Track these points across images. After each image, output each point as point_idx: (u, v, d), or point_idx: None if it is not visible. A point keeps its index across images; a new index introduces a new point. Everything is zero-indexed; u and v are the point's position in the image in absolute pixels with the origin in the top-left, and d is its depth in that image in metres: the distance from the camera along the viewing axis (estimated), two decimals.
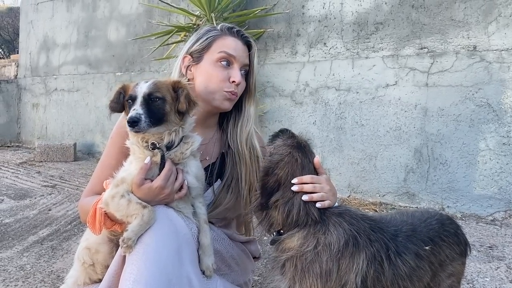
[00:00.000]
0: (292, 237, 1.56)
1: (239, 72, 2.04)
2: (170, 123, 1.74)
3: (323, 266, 1.46)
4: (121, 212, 1.70)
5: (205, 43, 2.06)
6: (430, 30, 4.52)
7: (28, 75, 9.62)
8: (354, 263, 1.46)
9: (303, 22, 5.37)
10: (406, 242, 1.59)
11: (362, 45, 4.93)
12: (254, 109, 2.17)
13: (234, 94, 2.04)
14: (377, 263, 1.49)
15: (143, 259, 1.58)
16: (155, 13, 7.10)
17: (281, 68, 5.57)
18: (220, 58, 2.01)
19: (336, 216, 1.56)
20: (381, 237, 1.55)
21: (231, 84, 2.02)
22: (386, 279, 1.50)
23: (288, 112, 5.49)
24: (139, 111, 1.64)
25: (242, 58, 2.05)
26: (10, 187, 5.48)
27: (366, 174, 4.90)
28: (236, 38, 2.07)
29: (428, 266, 1.61)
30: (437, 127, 4.46)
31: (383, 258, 1.51)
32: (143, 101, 1.68)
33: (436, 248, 1.65)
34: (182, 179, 1.79)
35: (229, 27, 2.10)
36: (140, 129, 1.63)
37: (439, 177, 4.47)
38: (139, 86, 1.74)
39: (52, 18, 9.07)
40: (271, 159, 1.63)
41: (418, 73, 4.58)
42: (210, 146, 2.16)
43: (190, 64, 2.09)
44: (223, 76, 2.01)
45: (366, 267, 1.46)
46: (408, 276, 1.54)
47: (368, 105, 4.88)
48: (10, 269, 3.00)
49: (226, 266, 2.09)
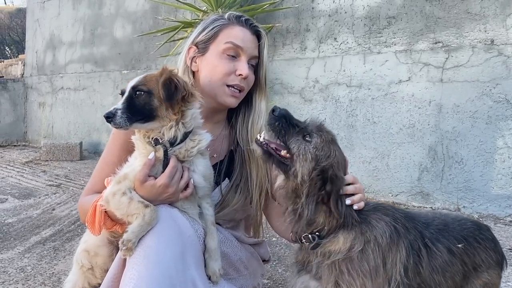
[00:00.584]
0: (336, 239, 1.48)
1: (247, 65, 1.89)
2: (162, 118, 1.62)
3: (371, 264, 1.42)
4: (121, 211, 1.59)
5: (211, 33, 1.92)
6: (444, 23, 4.35)
7: (35, 74, 9.57)
8: (398, 254, 1.44)
9: (312, 16, 5.23)
10: (438, 235, 1.56)
11: (374, 40, 4.78)
12: (265, 105, 2.03)
13: (240, 88, 1.90)
14: (415, 252, 1.48)
15: (144, 262, 1.48)
16: (162, 9, 6.99)
17: (290, 64, 5.43)
18: (227, 49, 1.88)
19: (373, 211, 1.53)
20: (414, 225, 1.54)
21: (237, 77, 1.88)
22: (424, 270, 1.48)
23: (297, 109, 5.35)
24: (117, 106, 1.55)
25: (250, 50, 1.91)
26: (14, 186, 5.40)
27: (378, 173, 4.75)
28: (244, 28, 1.93)
29: (460, 264, 1.56)
30: (453, 124, 4.30)
31: (421, 246, 1.50)
32: (127, 96, 1.58)
33: (470, 249, 1.58)
34: (188, 178, 1.67)
35: (237, 15, 1.96)
36: (116, 124, 1.53)
37: (455, 176, 4.31)
38: (131, 81, 1.63)
39: (58, 16, 9.01)
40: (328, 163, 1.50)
41: (433, 68, 4.42)
42: (218, 143, 2.03)
43: (195, 55, 1.96)
44: (229, 68, 1.87)
45: (406, 256, 1.45)
46: (442, 270, 1.51)
47: (381, 102, 4.72)
48: (10, 270, 2.90)
49: (234, 270, 1.96)
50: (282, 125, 1.52)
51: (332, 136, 1.57)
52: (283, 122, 1.53)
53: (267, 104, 2.04)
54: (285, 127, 1.53)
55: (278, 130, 1.52)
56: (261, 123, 1.97)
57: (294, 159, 1.48)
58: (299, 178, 1.47)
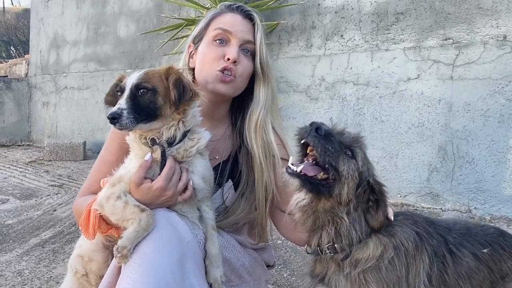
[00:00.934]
0: (365, 246, 1.39)
1: (237, 49, 1.77)
2: (165, 117, 1.52)
3: (396, 274, 1.35)
4: (116, 216, 1.50)
5: (203, 26, 1.86)
6: (455, 19, 4.22)
7: (39, 73, 9.53)
8: (421, 263, 1.37)
9: (318, 13, 5.11)
10: (461, 240, 1.48)
11: (382, 37, 4.66)
12: (265, 94, 1.86)
13: (229, 70, 1.75)
14: (439, 259, 1.41)
15: (139, 271, 1.39)
16: (165, 7, 6.91)
17: (295, 62, 5.32)
18: (215, 36, 1.79)
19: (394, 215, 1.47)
20: (436, 230, 1.47)
21: (226, 62, 1.76)
22: (449, 278, 1.41)
23: (303, 108, 5.25)
24: (122, 106, 1.44)
25: (241, 33, 1.79)
26: (16, 187, 5.34)
27: (386, 174, 4.62)
28: (235, 13, 1.84)
29: (487, 272, 1.47)
30: (463, 123, 4.17)
31: (445, 252, 1.43)
32: (130, 94, 1.48)
33: (496, 255, 1.49)
34: (187, 180, 1.58)
35: (229, 4, 1.87)
36: (122, 126, 1.42)
37: (466, 177, 4.18)
38: (130, 77, 1.53)
39: (62, 15, 8.96)
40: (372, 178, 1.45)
41: (442, 65, 4.29)
42: (221, 143, 1.93)
43: (192, 51, 1.89)
44: (217, 54, 1.77)
45: (429, 264, 1.38)
46: (468, 278, 1.43)
47: (389, 100, 4.60)
48: (7, 274, 2.82)
49: (237, 276, 1.86)
50: (329, 145, 1.35)
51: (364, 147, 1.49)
52: (329, 141, 1.36)
53: (270, 95, 1.89)
54: (333, 146, 1.36)
55: (325, 151, 1.34)
56: (258, 114, 1.83)
57: (341, 180, 1.37)
58: (344, 198, 1.38)
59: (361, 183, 1.40)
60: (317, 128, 1.35)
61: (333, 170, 1.36)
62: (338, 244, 1.40)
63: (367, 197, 1.40)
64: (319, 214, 1.42)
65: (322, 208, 1.41)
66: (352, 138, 1.45)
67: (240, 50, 1.79)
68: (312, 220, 1.44)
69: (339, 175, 1.36)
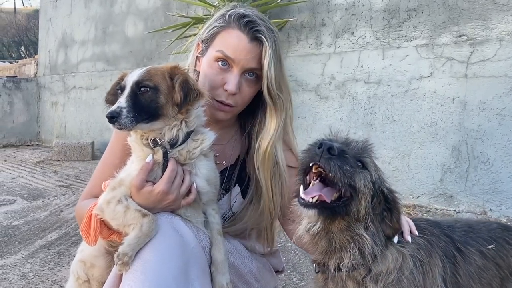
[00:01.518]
0: (384, 259, 1.32)
1: (237, 79, 1.64)
2: (167, 117, 1.45)
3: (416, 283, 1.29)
4: (117, 221, 1.44)
5: (209, 34, 1.72)
6: (469, 15, 4.10)
7: (47, 73, 9.54)
8: (435, 267, 1.32)
9: (328, 10, 5.01)
10: (465, 237, 1.43)
11: (394, 34, 4.55)
12: (276, 125, 1.72)
13: (227, 105, 1.67)
14: (450, 260, 1.36)
15: (141, 279, 1.32)
16: (173, 6, 6.85)
17: (305, 60, 5.22)
18: (217, 58, 1.66)
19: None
20: (441, 230, 1.42)
21: (224, 93, 1.65)
22: (462, 279, 1.36)
23: (312, 107, 5.15)
24: (121, 104, 1.37)
25: (243, 62, 1.64)
26: (24, 187, 5.32)
27: (398, 174, 4.52)
28: (242, 33, 1.64)
29: (495, 269, 1.42)
30: (478, 122, 4.05)
31: (454, 252, 1.37)
32: (130, 92, 1.40)
33: (502, 251, 1.44)
34: (190, 182, 1.50)
35: (240, 15, 1.67)
36: (121, 125, 1.35)
37: (480, 177, 4.06)
38: (131, 74, 1.45)
39: (70, 15, 8.95)
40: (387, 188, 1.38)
41: (456, 63, 4.17)
42: (229, 147, 1.85)
43: (198, 54, 1.79)
44: (217, 81, 1.66)
45: (442, 267, 1.33)
46: (478, 277, 1.39)
47: (401, 99, 4.49)
48: (11, 277, 2.78)
49: (244, 283, 1.78)
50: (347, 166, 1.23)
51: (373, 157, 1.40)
52: (344, 159, 1.24)
53: (279, 124, 1.74)
54: (350, 165, 1.24)
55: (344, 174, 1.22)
56: (268, 143, 1.71)
57: (358, 196, 1.27)
58: (362, 213, 1.29)
59: (375, 193, 1.31)
60: (329, 149, 1.21)
61: (350, 188, 1.25)
62: (356, 260, 1.30)
63: (382, 207, 1.33)
64: (334, 235, 1.32)
65: (337, 229, 1.31)
66: (360, 148, 1.35)
67: (243, 75, 1.67)
68: (326, 242, 1.34)
69: (356, 192, 1.26)
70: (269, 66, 1.65)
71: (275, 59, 1.67)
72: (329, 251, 1.34)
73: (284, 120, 1.77)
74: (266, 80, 1.66)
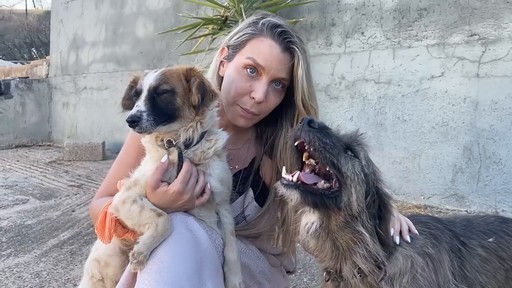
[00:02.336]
0: (395, 260, 1.30)
1: (265, 88, 1.64)
2: (184, 119, 1.46)
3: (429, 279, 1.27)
4: (132, 220, 1.45)
5: (239, 40, 1.71)
6: (481, 14, 4.07)
7: (59, 74, 9.63)
8: (445, 262, 1.31)
9: (338, 10, 5.01)
10: (466, 232, 1.43)
11: (404, 34, 4.53)
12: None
13: (251, 113, 1.68)
14: (455, 255, 1.35)
15: (156, 278, 1.33)
16: (183, 6, 6.89)
17: (315, 60, 5.21)
18: (247, 65, 1.65)
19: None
20: (443, 225, 1.42)
21: (250, 100, 1.66)
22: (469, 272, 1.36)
23: (322, 107, 5.14)
24: (140, 108, 1.38)
25: (274, 71, 1.64)
26: (36, 187, 5.38)
27: (409, 174, 4.50)
28: (274, 43, 1.64)
29: (498, 261, 1.42)
30: (490, 122, 4.02)
31: (459, 246, 1.37)
32: (148, 95, 1.42)
33: (503, 243, 1.44)
34: (204, 182, 1.51)
35: (273, 25, 1.67)
36: (142, 129, 1.37)
37: (492, 178, 4.02)
38: (146, 77, 1.47)
39: (81, 16, 9.03)
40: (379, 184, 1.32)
41: (468, 62, 4.14)
42: (243, 151, 1.86)
43: (223, 59, 1.78)
44: (244, 88, 1.66)
45: (450, 261, 1.32)
46: (483, 270, 1.39)
47: (411, 98, 4.47)
48: (25, 276, 2.81)
49: (256, 283, 1.79)
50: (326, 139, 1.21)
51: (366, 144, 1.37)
52: (325, 134, 1.21)
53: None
54: (331, 141, 1.22)
55: (323, 147, 1.20)
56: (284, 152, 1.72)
57: (347, 184, 1.23)
58: (355, 207, 1.24)
59: (369, 190, 1.26)
60: (309, 122, 1.21)
61: (335, 171, 1.21)
62: (367, 265, 1.27)
63: (376, 208, 1.28)
64: (336, 235, 1.29)
65: (335, 226, 1.27)
66: (350, 137, 1.33)
67: (270, 84, 1.67)
68: (331, 243, 1.30)
69: (343, 177, 1.22)
70: (302, 78, 1.66)
71: (306, 70, 1.68)
72: (339, 255, 1.31)
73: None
74: (299, 92, 1.67)
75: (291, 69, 1.67)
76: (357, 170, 1.24)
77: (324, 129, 1.24)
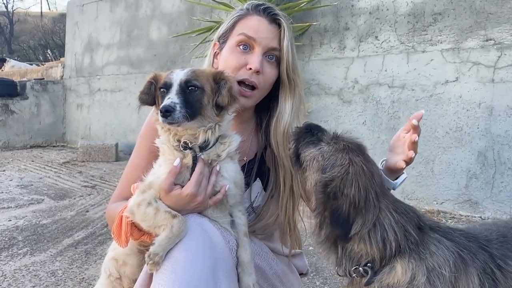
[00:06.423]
0: (394, 270, 1.25)
1: (260, 57, 1.69)
2: (205, 118, 1.49)
3: None
4: (148, 222, 1.47)
5: (228, 25, 1.78)
6: (497, 19, 4.04)
7: (73, 76, 9.75)
8: (470, 284, 1.21)
9: (352, 14, 5.01)
10: (503, 250, 1.33)
11: (418, 38, 4.51)
12: (291, 104, 1.78)
13: (251, 84, 1.69)
14: (489, 277, 1.25)
15: (171, 278, 1.35)
16: (197, 10, 6.94)
17: (328, 64, 5.22)
18: (239, 42, 1.71)
19: (431, 231, 1.30)
20: (479, 245, 1.32)
21: (247, 72, 1.69)
22: None
23: (335, 111, 5.14)
24: (174, 100, 1.40)
25: (266, 40, 1.70)
26: (51, 187, 5.45)
27: (422, 179, 4.47)
28: (261, 17, 1.73)
29: None
30: (505, 127, 3.98)
31: (493, 268, 1.27)
32: (179, 89, 1.44)
33: None
34: (214, 181, 1.52)
35: (257, 4, 1.77)
36: (174, 120, 1.38)
37: (507, 184, 3.98)
38: (175, 73, 1.50)
39: (96, 19, 9.14)
40: (330, 175, 1.29)
41: (483, 67, 4.11)
42: (247, 144, 1.88)
43: (217, 51, 1.83)
44: (239, 62, 1.69)
45: (479, 284, 1.22)
46: None
47: (425, 103, 4.45)
48: (41, 274, 2.86)
49: (269, 285, 1.80)
50: (301, 133, 1.47)
51: (350, 144, 1.35)
52: (303, 130, 1.48)
53: (297, 104, 1.81)
54: (303, 134, 1.46)
55: (296, 137, 1.48)
56: (283, 125, 1.76)
57: (303, 166, 1.40)
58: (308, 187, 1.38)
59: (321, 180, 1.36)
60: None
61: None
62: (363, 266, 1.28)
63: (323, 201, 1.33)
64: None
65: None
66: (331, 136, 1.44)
67: (264, 57, 1.72)
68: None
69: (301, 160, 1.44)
70: (287, 48, 1.73)
71: (291, 42, 1.75)
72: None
73: (298, 105, 1.82)
74: (285, 61, 1.73)
75: (280, 41, 1.73)
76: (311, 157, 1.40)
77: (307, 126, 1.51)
